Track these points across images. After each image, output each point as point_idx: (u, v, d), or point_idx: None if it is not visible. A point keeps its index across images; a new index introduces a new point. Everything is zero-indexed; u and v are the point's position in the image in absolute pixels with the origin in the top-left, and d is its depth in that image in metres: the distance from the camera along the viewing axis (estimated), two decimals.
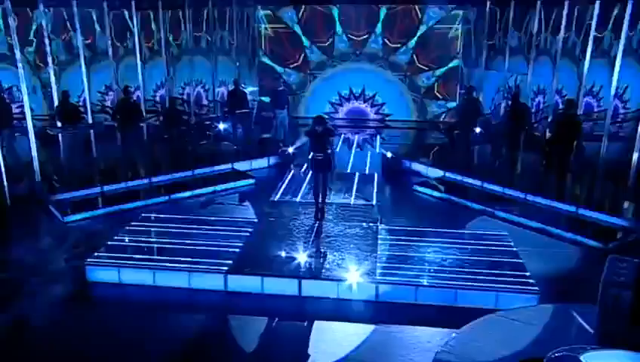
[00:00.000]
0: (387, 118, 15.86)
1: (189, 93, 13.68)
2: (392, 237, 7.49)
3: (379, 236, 7.49)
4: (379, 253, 6.97)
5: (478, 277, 6.35)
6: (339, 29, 15.49)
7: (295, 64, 15.94)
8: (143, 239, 7.45)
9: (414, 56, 15.40)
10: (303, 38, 15.69)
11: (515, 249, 7.13)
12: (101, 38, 13.08)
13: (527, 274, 6.42)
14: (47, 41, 10.28)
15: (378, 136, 14.45)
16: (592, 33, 10.14)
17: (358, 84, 15.89)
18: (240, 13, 14.86)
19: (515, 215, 8.68)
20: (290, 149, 11.73)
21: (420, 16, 15.10)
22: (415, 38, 15.25)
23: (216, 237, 7.44)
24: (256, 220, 8.23)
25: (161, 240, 7.44)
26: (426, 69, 15.38)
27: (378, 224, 7.92)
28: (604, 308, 4.91)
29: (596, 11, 9.98)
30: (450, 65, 15.21)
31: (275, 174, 10.97)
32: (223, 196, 9.80)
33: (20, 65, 9.20)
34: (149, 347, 5.41)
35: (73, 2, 10.68)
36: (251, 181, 10.44)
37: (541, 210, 8.83)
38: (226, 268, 6.55)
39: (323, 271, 6.53)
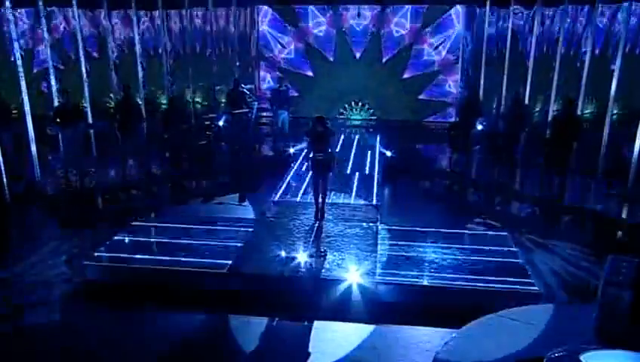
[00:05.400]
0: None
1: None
2: (392, 236, 7.49)
3: (379, 236, 7.49)
4: (379, 253, 6.97)
5: (478, 277, 6.35)
6: None
7: None
8: (142, 238, 7.45)
9: None
10: None
11: (514, 248, 7.13)
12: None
13: (528, 273, 6.42)
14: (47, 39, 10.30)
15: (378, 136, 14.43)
16: (592, 32, 10.15)
17: None
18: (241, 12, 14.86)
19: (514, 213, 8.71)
20: (291, 150, 11.73)
21: None
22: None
23: (216, 237, 7.45)
24: (256, 220, 8.22)
25: (161, 239, 7.43)
26: None
27: (378, 224, 7.92)
28: (604, 308, 4.91)
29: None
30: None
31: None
32: (223, 195, 9.80)
33: (19, 64, 9.22)
34: (148, 347, 5.41)
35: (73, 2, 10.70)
36: None
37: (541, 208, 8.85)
38: (225, 268, 6.56)
39: (323, 271, 6.54)
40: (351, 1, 15.11)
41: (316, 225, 7.95)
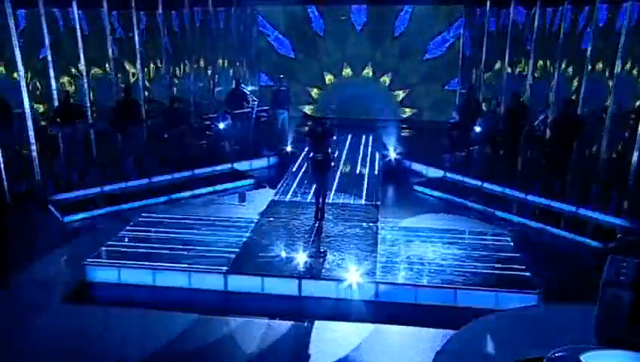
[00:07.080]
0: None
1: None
2: (392, 237, 7.49)
3: (379, 236, 7.49)
4: (379, 253, 6.96)
5: (477, 277, 6.35)
6: None
7: None
8: (142, 239, 7.45)
9: None
10: None
11: (514, 249, 7.13)
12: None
13: (527, 274, 6.42)
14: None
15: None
16: (592, 32, 10.13)
17: None
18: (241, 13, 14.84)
19: (515, 215, 8.71)
20: (289, 148, 11.75)
21: None
22: None
23: (216, 237, 7.45)
24: (256, 220, 8.22)
25: (160, 240, 7.43)
26: None
27: (378, 224, 7.92)
28: (604, 308, 4.91)
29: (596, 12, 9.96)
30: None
31: (275, 174, 10.99)
32: (222, 196, 9.81)
33: (19, 66, 9.22)
34: (149, 347, 5.40)
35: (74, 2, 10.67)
36: (250, 181, 10.45)
37: (541, 210, 8.85)
38: (225, 268, 6.56)
39: (323, 271, 6.54)
40: (349, 2, 15.08)
41: (316, 225, 7.96)
